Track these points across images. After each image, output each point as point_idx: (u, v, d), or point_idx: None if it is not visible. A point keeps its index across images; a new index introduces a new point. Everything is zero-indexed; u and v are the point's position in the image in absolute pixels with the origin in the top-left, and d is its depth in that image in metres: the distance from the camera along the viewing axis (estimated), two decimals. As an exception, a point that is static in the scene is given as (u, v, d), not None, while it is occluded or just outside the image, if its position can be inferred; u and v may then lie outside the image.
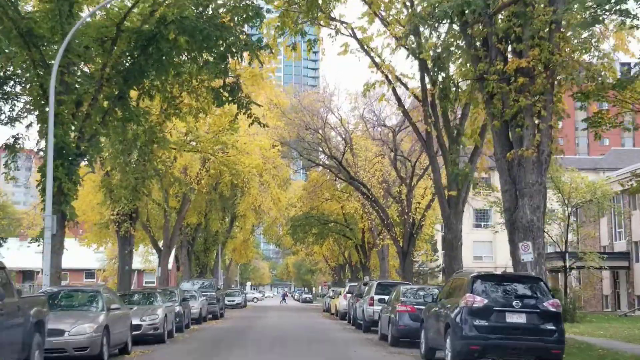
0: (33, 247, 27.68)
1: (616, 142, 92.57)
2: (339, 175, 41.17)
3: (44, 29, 18.76)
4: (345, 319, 33.77)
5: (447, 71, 19.85)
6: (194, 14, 18.98)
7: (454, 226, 23.57)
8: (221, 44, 19.42)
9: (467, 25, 17.40)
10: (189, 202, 37.80)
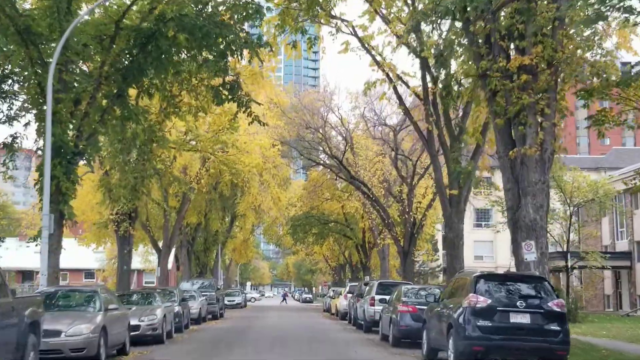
0: (32, 247, 27.54)
1: (617, 141, 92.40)
2: (339, 174, 41.00)
3: (41, 26, 18.62)
4: (345, 319, 33.58)
5: (448, 69, 19.65)
6: (193, 11, 18.86)
7: (456, 225, 23.41)
8: (221, 41, 19.26)
9: (470, 22, 17.23)
10: (188, 202, 37.65)
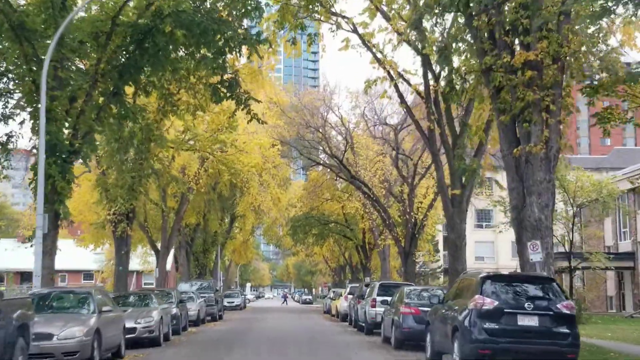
0: (31, 248, 27.19)
1: (618, 141, 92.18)
2: (339, 174, 40.64)
3: (36, 22, 18.29)
4: (346, 321, 33.18)
5: (451, 64, 19.27)
6: (191, 7, 18.54)
7: (458, 225, 23.05)
8: (219, 38, 18.88)
9: (473, 17, 16.87)
10: (187, 202, 37.28)
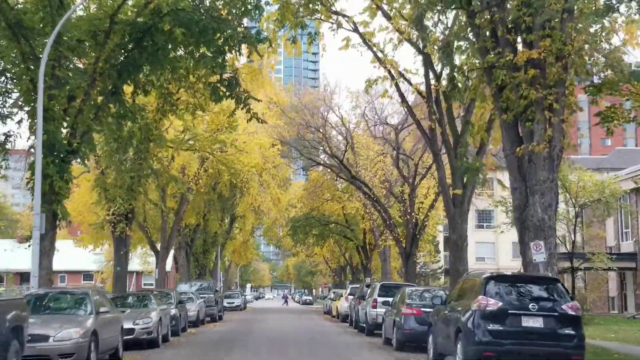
0: (30, 249, 27.02)
1: (618, 142, 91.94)
2: (340, 174, 40.47)
3: (34, 20, 18.11)
4: (346, 322, 32.99)
5: (453, 62, 19.07)
6: (190, 5, 18.37)
7: (459, 226, 22.86)
8: (219, 37, 18.70)
9: (475, 15, 16.68)
10: (187, 203, 37.09)
